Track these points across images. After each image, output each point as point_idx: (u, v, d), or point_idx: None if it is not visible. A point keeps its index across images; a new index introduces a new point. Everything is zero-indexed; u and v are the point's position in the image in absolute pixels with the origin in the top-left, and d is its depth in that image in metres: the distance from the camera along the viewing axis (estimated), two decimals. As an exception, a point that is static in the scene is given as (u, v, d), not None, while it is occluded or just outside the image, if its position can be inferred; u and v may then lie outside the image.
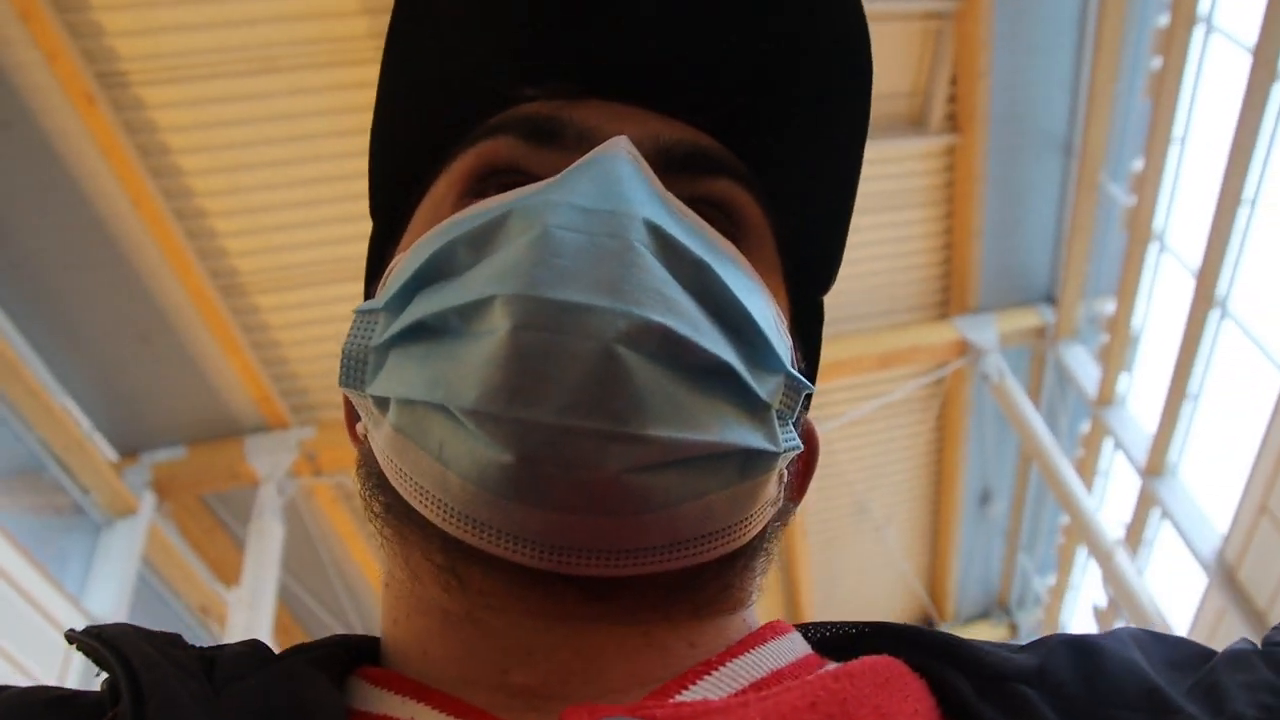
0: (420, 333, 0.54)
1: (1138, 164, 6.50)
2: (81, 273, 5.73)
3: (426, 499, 0.52)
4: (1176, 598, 6.89)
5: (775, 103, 0.67)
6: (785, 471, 0.61)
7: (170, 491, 6.66)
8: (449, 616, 0.54)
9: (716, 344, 0.53)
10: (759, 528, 0.58)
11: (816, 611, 9.67)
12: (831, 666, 0.54)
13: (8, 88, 4.92)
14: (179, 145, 5.46)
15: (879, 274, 7.56)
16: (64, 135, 5.15)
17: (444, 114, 0.68)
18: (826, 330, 0.70)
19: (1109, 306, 7.26)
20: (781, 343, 0.58)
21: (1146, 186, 6.38)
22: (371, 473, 0.58)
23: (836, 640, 0.61)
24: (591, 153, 0.56)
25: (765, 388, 0.55)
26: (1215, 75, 5.89)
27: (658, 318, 0.50)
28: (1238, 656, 0.54)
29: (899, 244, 7.49)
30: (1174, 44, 5.84)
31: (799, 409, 0.59)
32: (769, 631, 0.58)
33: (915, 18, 6.49)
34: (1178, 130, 6.16)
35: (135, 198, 5.38)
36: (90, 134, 5.12)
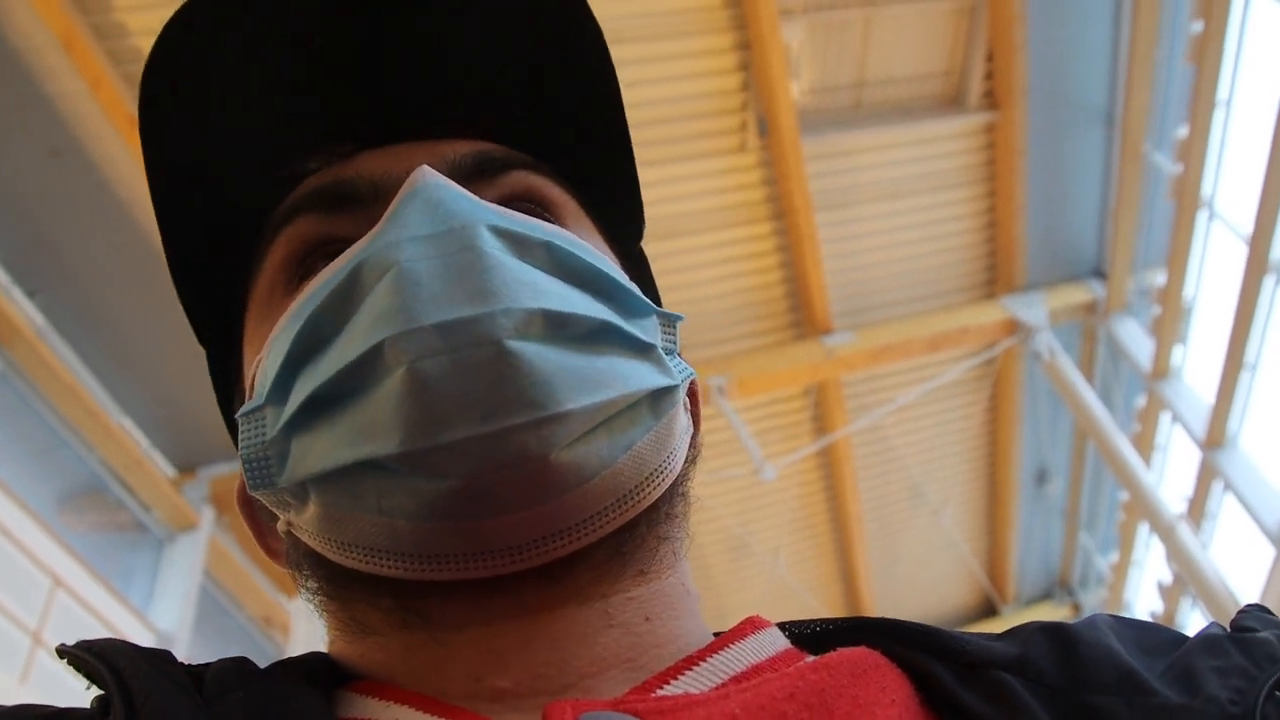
0: (317, 407, 0.54)
1: (1182, 131, 6.39)
2: (133, 294, 5.83)
3: (377, 556, 0.53)
4: (1243, 571, 6.78)
5: (520, 90, 0.70)
6: (687, 400, 0.64)
7: (229, 505, 6.70)
8: (409, 647, 0.55)
9: (591, 308, 0.56)
10: (681, 459, 0.60)
11: (876, 599, 9.62)
12: (810, 660, 0.55)
13: (56, 117, 5.03)
14: (222, 164, 5.52)
15: (924, 256, 7.51)
16: (111, 161, 5.25)
17: (234, 218, 0.68)
18: (873, 315, 0.71)
19: (1160, 278, 7.15)
20: (636, 289, 0.61)
21: (1192, 153, 6.27)
22: (304, 557, 0.59)
23: (816, 636, 0.61)
24: (405, 187, 0.57)
25: (644, 331, 0.59)
26: (1259, 35, 5.78)
27: (533, 304, 0.52)
28: (1210, 641, 0.54)
29: (942, 225, 7.43)
30: (1215, 6, 5.74)
31: (677, 339, 0.62)
32: (749, 626, 0.59)
33: (948, -4, 6.44)
34: (1222, 94, 6.05)
35: (182, 218, 5.45)
36: (135, 158, 5.20)
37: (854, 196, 7.07)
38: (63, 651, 0.54)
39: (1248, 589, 6.60)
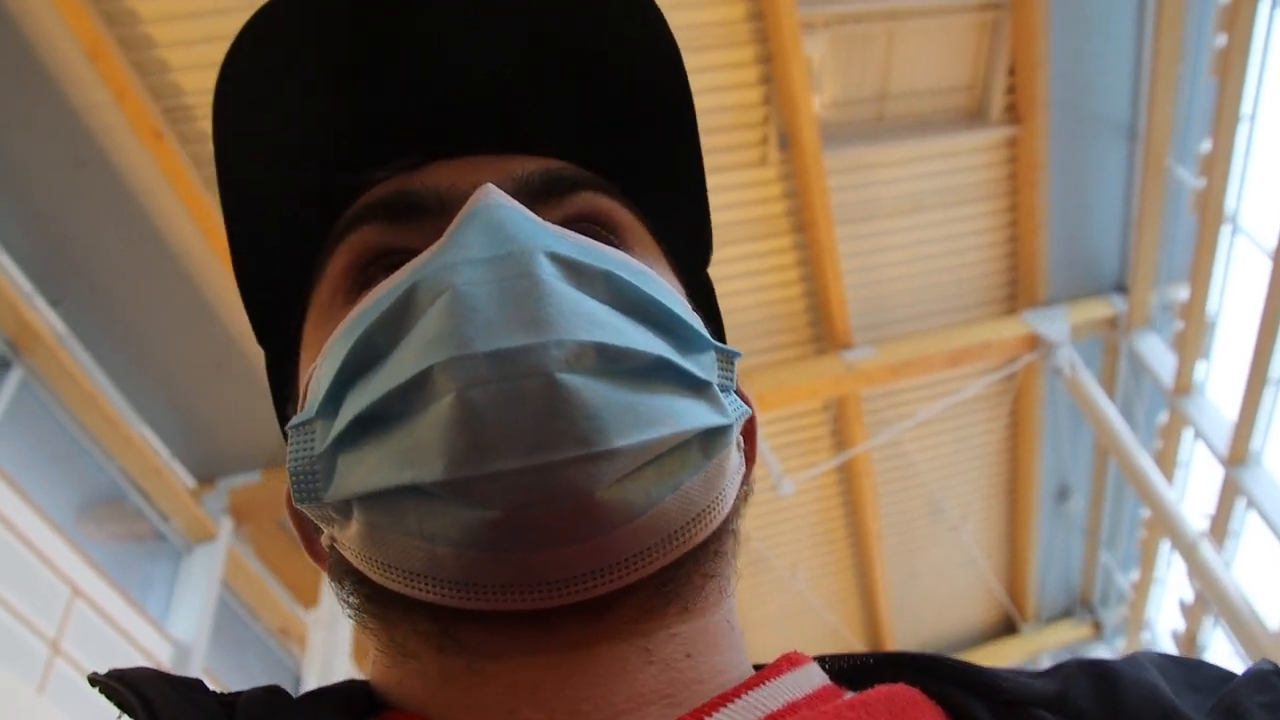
0: (365, 426, 0.54)
1: (1205, 145, 6.36)
2: (156, 304, 5.87)
3: (418, 581, 0.53)
4: (1267, 589, 6.71)
5: (596, 109, 0.69)
6: (741, 439, 0.63)
7: (248, 516, 6.78)
8: (447, 674, 0.55)
9: (647, 342, 0.54)
10: (731, 499, 0.59)
11: (895, 615, 9.57)
12: (849, 697, 0.54)
13: (81, 128, 5.07)
14: (244, 175, 5.56)
15: (945, 270, 7.49)
16: (135, 171, 5.28)
17: (301, 223, 0.68)
18: (893, 330, 0.70)
19: (1182, 292, 7.11)
20: (698, 322, 0.60)
21: (1216, 167, 6.24)
22: (346, 574, 0.58)
23: (855, 670, 0.60)
24: (467, 206, 0.56)
25: (701, 367, 0.57)
26: (1283, 50, 5.76)
27: (587, 336, 0.51)
28: (1258, 677, 0.53)
29: (964, 239, 7.42)
30: (1239, 19, 5.72)
31: (734, 376, 0.61)
32: (785, 663, 0.57)
33: (970, 9, 6.43)
34: (1246, 108, 6.02)
35: (205, 228, 5.49)
36: (160, 169, 5.24)
37: (875, 210, 7.07)
38: (94, 680, 0.54)
39: (1271, 608, 6.53)
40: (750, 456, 0.67)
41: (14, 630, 4.62)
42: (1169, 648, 8.84)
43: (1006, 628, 10.37)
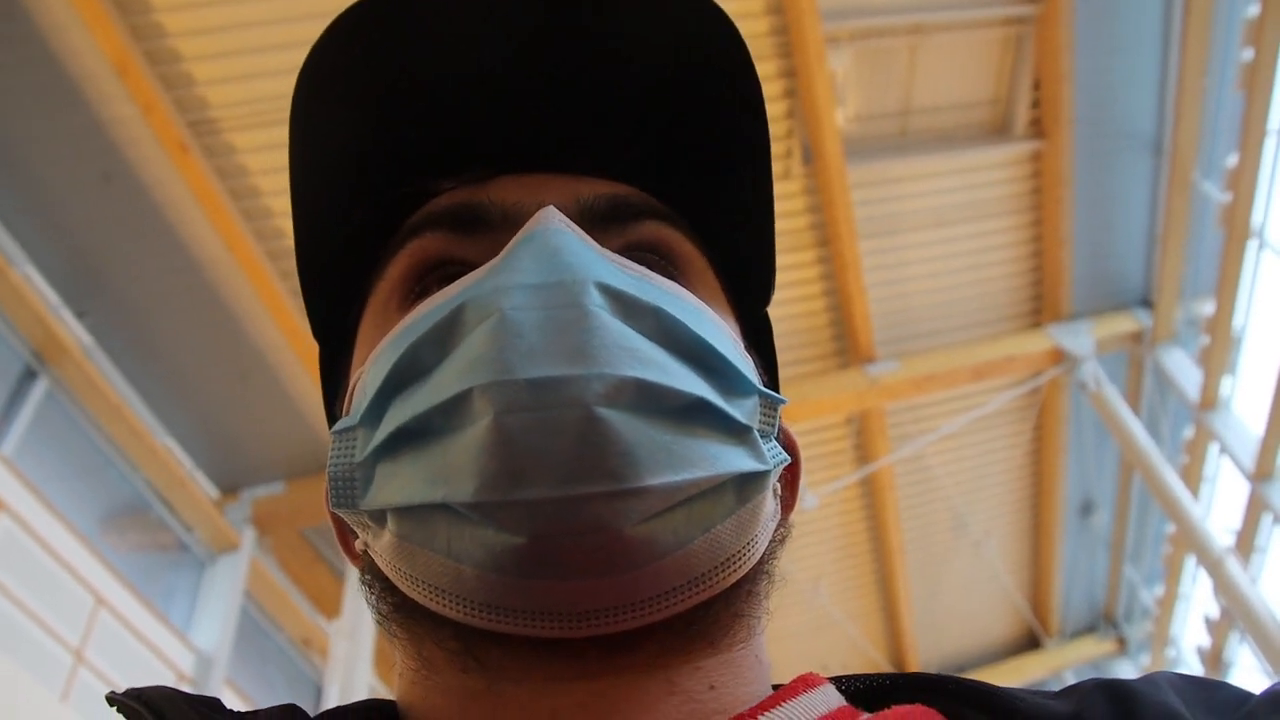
0: (404, 439, 0.54)
1: (1232, 159, 6.32)
2: (180, 316, 5.91)
3: (442, 597, 0.53)
4: (1295, 606, 6.65)
5: (673, 139, 0.68)
6: (778, 485, 0.62)
7: (270, 527, 6.81)
8: (469, 692, 0.55)
9: (689, 382, 0.54)
10: (764, 546, 0.59)
11: (918, 630, 9.52)
12: (866, 718, 0.54)
13: (108, 142, 5.12)
14: (270, 187, 5.60)
15: (969, 285, 7.46)
16: (161, 185, 5.33)
17: (365, 225, 0.69)
18: (917, 344, 0.70)
19: (1208, 307, 7.06)
20: (746, 364, 0.59)
21: (1242, 182, 6.20)
22: (376, 579, 0.59)
23: (871, 691, 0.59)
24: (525, 228, 0.57)
25: (742, 411, 0.56)
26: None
27: (629, 372, 0.51)
28: (1276, 698, 0.52)
29: (988, 253, 7.39)
30: (1266, 33, 5.68)
31: (777, 422, 0.60)
32: (801, 685, 0.57)
33: (995, 24, 6.41)
34: (1273, 122, 5.99)
35: (230, 241, 5.53)
36: (185, 182, 5.29)
37: (899, 224, 7.05)
38: (112, 699, 0.54)
39: (1300, 626, 6.47)
40: (789, 502, 0.67)
41: (38, 639, 4.66)
42: (1194, 664, 8.77)
43: (1030, 643, 10.30)
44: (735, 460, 0.54)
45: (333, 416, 0.71)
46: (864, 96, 6.52)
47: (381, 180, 0.68)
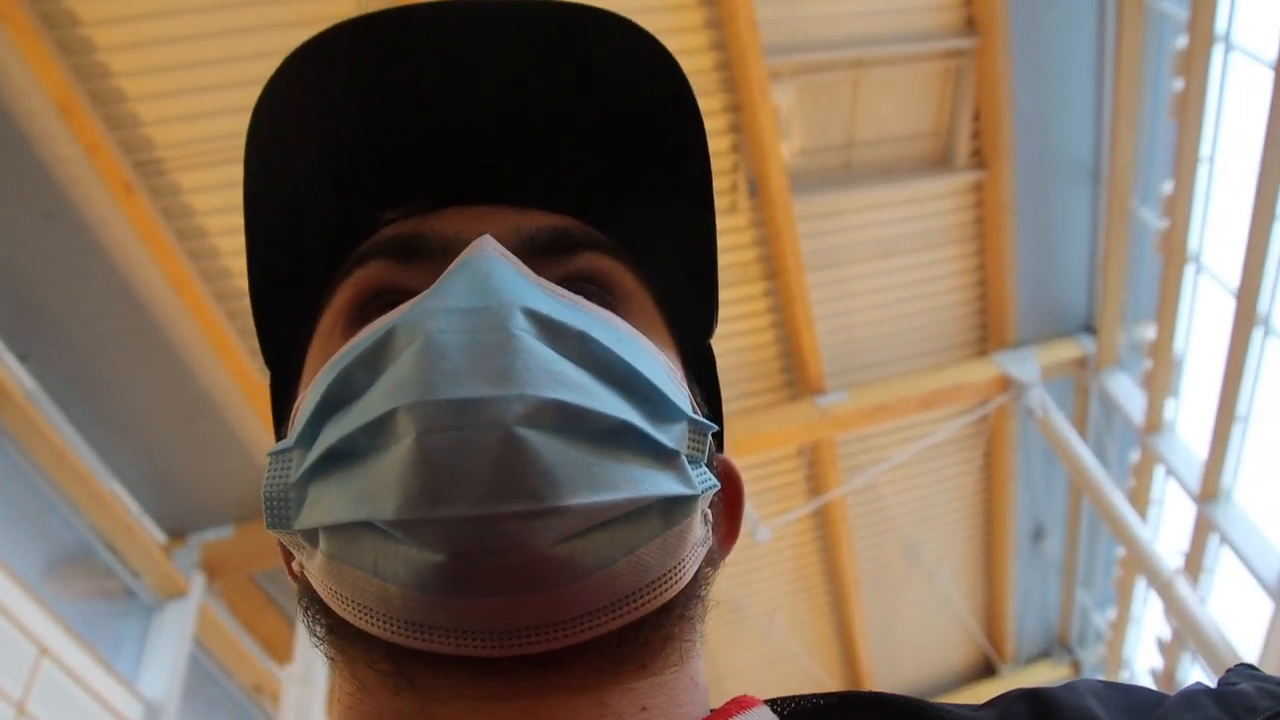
0: (333, 460, 0.55)
1: (1168, 186, 6.46)
2: (125, 358, 5.82)
3: (369, 615, 0.54)
4: (1242, 625, 6.74)
5: (616, 174, 0.70)
6: (709, 512, 0.62)
7: (220, 571, 6.69)
8: (401, 715, 0.55)
9: (612, 406, 0.55)
10: (692, 570, 0.59)
11: (874, 660, 9.52)
12: None
13: (51, 181, 5.05)
14: (216, 227, 5.56)
15: (916, 314, 7.54)
16: (105, 224, 5.27)
17: (312, 256, 0.71)
18: (866, 374, 0.71)
19: (1150, 332, 7.18)
20: (677, 392, 0.60)
21: (1178, 208, 6.34)
22: (312, 601, 0.60)
23: (805, 712, 0.60)
24: (460, 256, 0.58)
25: (669, 436, 0.57)
26: (1238, 92, 5.87)
27: (549, 394, 0.52)
28: (1189, 697, 0.55)
29: (933, 283, 7.48)
30: (1194, 64, 5.83)
31: (709, 449, 0.61)
32: (735, 706, 0.58)
33: (934, 57, 6.53)
34: (1205, 150, 6.13)
35: (176, 282, 5.47)
36: (130, 222, 5.23)
37: (845, 256, 7.12)
38: None
39: (1248, 643, 6.55)
40: (729, 531, 0.68)
41: (-21, 692, 4.54)
42: (1148, 685, 8.83)
43: (985, 670, 10.34)
44: (660, 484, 0.55)
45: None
46: (808, 130, 6.61)
47: (330, 210, 0.69)
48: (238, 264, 5.70)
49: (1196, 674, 7.76)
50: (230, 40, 5.05)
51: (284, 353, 0.74)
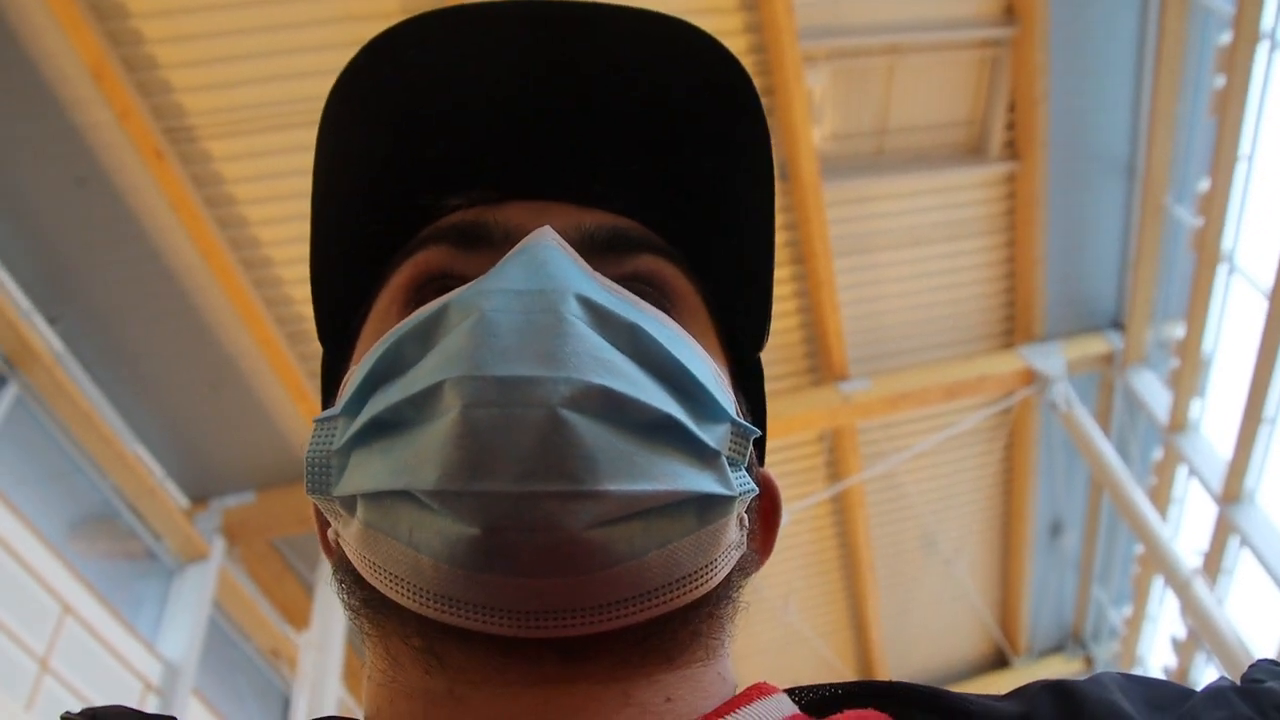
0: (378, 429, 0.56)
1: (1204, 184, 6.40)
2: (153, 323, 5.87)
3: (400, 586, 0.54)
4: (1259, 627, 6.71)
5: (681, 181, 0.71)
6: (745, 516, 0.62)
7: (240, 536, 6.76)
8: (431, 696, 0.55)
9: (658, 398, 0.55)
10: (724, 572, 0.59)
11: (887, 647, 9.54)
12: None
13: (83, 146, 5.08)
14: (245, 196, 5.58)
15: (942, 304, 7.51)
16: (136, 190, 5.30)
17: (376, 235, 0.71)
18: (890, 362, 0.71)
19: (1178, 330, 7.13)
20: (723, 394, 0.60)
21: (1214, 207, 6.27)
22: (346, 572, 0.60)
23: (824, 702, 0.60)
24: (519, 244, 0.59)
25: (712, 436, 0.57)
26: (1280, 92, 5.80)
27: (596, 379, 0.52)
28: (1216, 694, 0.54)
29: (961, 274, 7.44)
30: (1237, 61, 5.76)
31: (749, 454, 0.60)
32: (755, 692, 0.58)
33: (971, 46, 6.47)
34: (1244, 148, 6.06)
35: (204, 249, 5.50)
36: (160, 188, 5.26)
37: (873, 243, 7.09)
38: (67, 719, 0.55)
39: (1264, 645, 6.53)
40: (765, 542, 0.68)
41: (3, 646, 4.60)
42: (1162, 684, 8.81)
43: (998, 661, 10.34)
44: (699, 481, 0.55)
45: None
46: (840, 115, 6.57)
47: (397, 193, 0.70)
48: (266, 233, 5.73)
49: (1211, 674, 7.72)
50: (263, 9, 5.06)
51: (339, 330, 0.74)
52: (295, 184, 5.57)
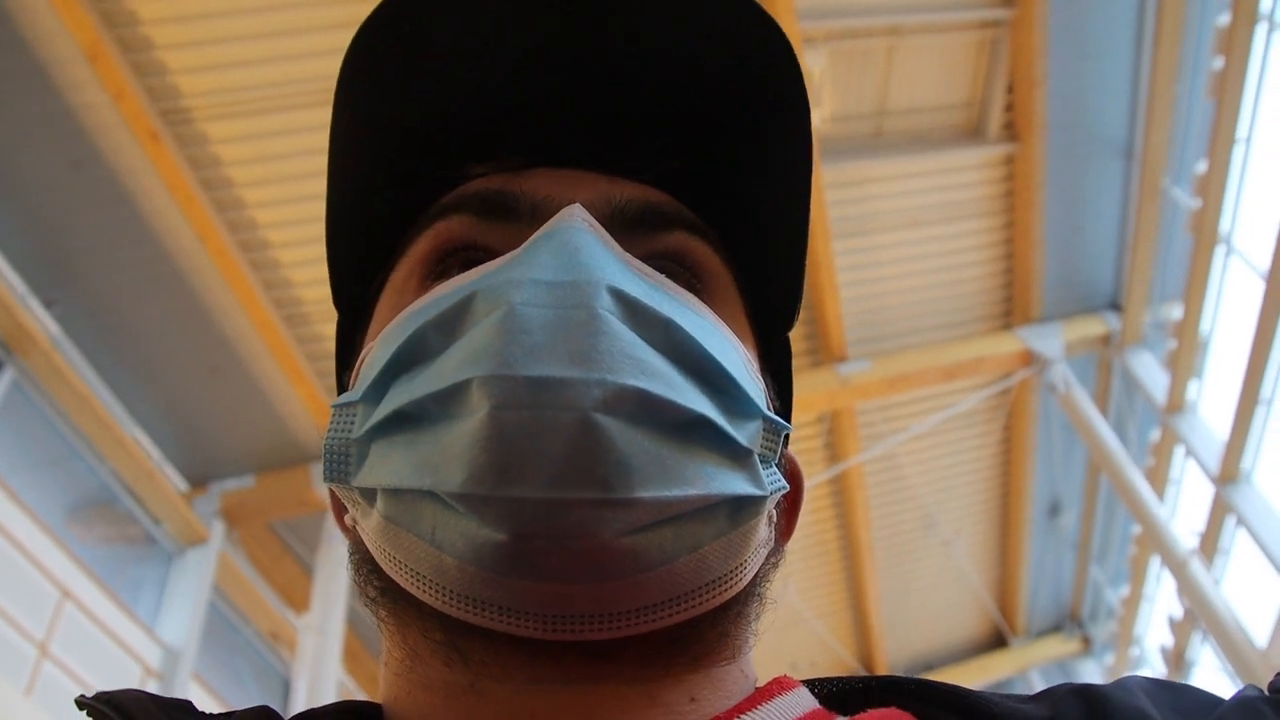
0: (400, 422, 0.54)
1: (1201, 166, 6.38)
2: (151, 306, 5.86)
3: (423, 583, 0.52)
4: (1256, 608, 6.73)
5: (715, 153, 0.68)
6: (774, 512, 0.61)
7: (239, 520, 6.76)
8: (451, 688, 0.54)
9: (692, 398, 0.53)
10: (753, 571, 0.58)
11: (886, 627, 9.57)
12: None
13: (77, 128, 5.06)
14: (243, 178, 5.56)
15: (941, 286, 7.50)
16: (131, 173, 5.27)
17: (396, 200, 0.69)
18: (889, 344, 0.70)
19: (1176, 312, 7.13)
20: (755, 387, 0.58)
21: (1211, 188, 6.26)
22: (364, 560, 0.58)
23: (845, 694, 0.59)
24: (548, 224, 0.56)
25: (745, 434, 0.55)
26: (1279, 73, 5.78)
27: (631, 381, 0.50)
28: (1246, 704, 0.53)
29: (960, 255, 7.43)
30: (1236, 43, 5.74)
31: (780, 449, 0.59)
32: (775, 687, 0.57)
33: (970, 27, 6.45)
34: (1242, 130, 6.05)
35: (201, 231, 5.48)
36: (156, 171, 5.24)
37: (872, 225, 7.08)
38: (82, 703, 0.53)
39: (1260, 625, 6.55)
40: (787, 529, 0.67)
41: (2, 632, 4.61)
42: (1157, 663, 8.86)
43: (996, 641, 10.38)
44: (731, 483, 0.53)
45: (342, 386, 0.71)
46: (840, 97, 6.54)
47: (418, 159, 0.68)
48: (264, 215, 5.71)
49: (1207, 654, 7.77)
50: (260, -10, 5.03)
51: (355, 297, 0.71)
52: (293, 166, 5.55)
